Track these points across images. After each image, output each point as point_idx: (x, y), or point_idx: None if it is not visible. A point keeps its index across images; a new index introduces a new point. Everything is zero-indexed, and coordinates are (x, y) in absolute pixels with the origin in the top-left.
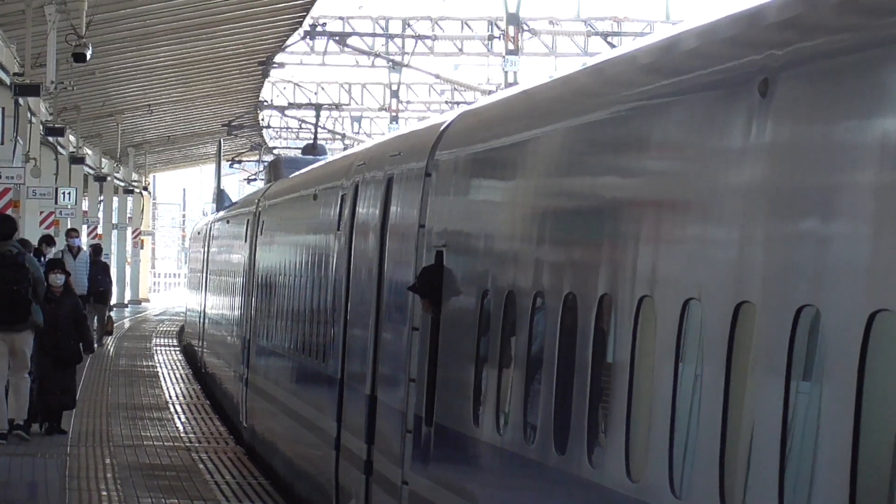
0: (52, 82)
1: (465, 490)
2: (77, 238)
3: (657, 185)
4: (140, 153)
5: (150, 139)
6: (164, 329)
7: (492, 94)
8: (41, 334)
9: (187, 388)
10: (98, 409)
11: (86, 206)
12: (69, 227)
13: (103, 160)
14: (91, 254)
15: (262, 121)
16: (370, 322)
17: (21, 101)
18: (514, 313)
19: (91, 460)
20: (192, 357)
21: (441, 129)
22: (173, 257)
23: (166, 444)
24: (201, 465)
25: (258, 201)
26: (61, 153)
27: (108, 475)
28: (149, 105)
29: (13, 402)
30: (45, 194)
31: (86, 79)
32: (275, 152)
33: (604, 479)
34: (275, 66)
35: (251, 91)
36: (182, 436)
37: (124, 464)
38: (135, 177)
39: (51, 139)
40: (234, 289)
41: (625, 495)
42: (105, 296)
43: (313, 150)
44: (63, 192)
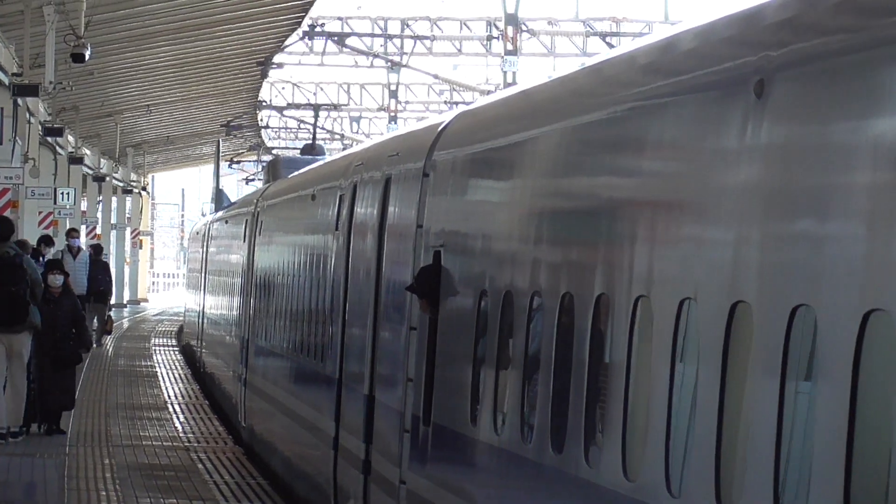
0: (51, 82)
1: (463, 489)
2: (77, 238)
3: (654, 185)
4: (139, 153)
5: (148, 139)
6: (163, 329)
7: (490, 94)
8: (40, 335)
9: (186, 388)
10: (97, 410)
11: (84, 206)
12: (69, 227)
13: (102, 160)
14: (91, 254)
15: (261, 121)
16: (368, 322)
17: (20, 101)
18: (512, 313)
19: (90, 460)
20: (190, 357)
21: (439, 129)
22: (172, 257)
23: (165, 444)
24: (200, 465)
25: (257, 201)
26: (60, 153)
27: (107, 475)
28: (147, 105)
29: (9, 407)
30: (43, 194)
31: (84, 79)
32: (273, 152)
33: (600, 479)
34: (273, 66)
35: (250, 91)
36: (181, 436)
37: (123, 464)
38: (133, 177)
39: (49, 139)
40: (232, 289)
41: (621, 494)
42: (105, 295)
43: (312, 150)
44: (62, 193)
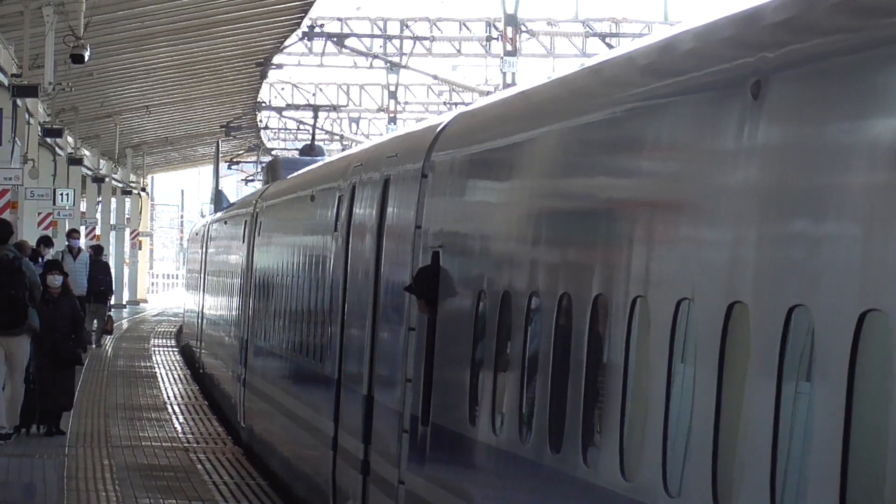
0: (51, 83)
1: (462, 489)
2: (78, 240)
3: (651, 186)
4: (138, 154)
5: (148, 140)
6: (163, 330)
7: (490, 94)
8: (39, 336)
9: (185, 389)
10: (96, 410)
11: (84, 207)
12: (70, 228)
13: (101, 161)
14: (91, 254)
15: (261, 122)
16: (367, 323)
17: (19, 102)
18: (510, 314)
19: (89, 461)
20: (190, 358)
21: (437, 130)
22: (171, 258)
23: (164, 444)
24: (199, 466)
25: (256, 202)
26: (59, 154)
27: (107, 476)
28: (147, 106)
29: (6, 408)
30: (43, 195)
31: (84, 80)
32: (273, 153)
33: (598, 479)
34: (273, 67)
35: (249, 92)
36: (180, 436)
37: (122, 464)
38: (133, 178)
39: (49, 140)
40: (231, 290)
41: (619, 494)
42: (105, 295)
43: (311, 151)
44: (61, 194)
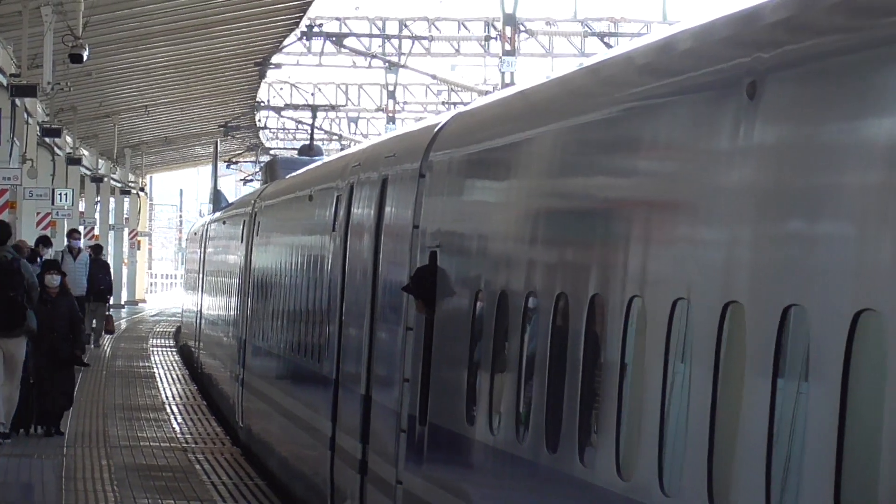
0: (49, 83)
1: (459, 489)
2: (78, 240)
3: (647, 186)
4: (137, 154)
5: (146, 140)
6: (161, 330)
7: (488, 94)
8: (37, 337)
9: (184, 389)
10: (95, 410)
11: (82, 207)
12: (70, 228)
13: (100, 161)
14: (91, 254)
15: (259, 122)
16: (365, 322)
17: (18, 101)
18: (507, 313)
19: (88, 461)
20: (188, 358)
21: (435, 130)
22: (170, 258)
23: (163, 444)
24: (198, 466)
25: (254, 202)
26: (58, 154)
27: (105, 476)
28: (145, 106)
29: (4, 408)
30: (41, 195)
31: (82, 80)
32: (271, 153)
33: (595, 478)
34: (271, 66)
35: (248, 92)
36: (178, 436)
37: (121, 464)
38: (131, 177)
39: (47, 140)
40: (230, 289)
41: (616, 493)
42: (104, 294)
43: (310, 150)
44: (60, 193)
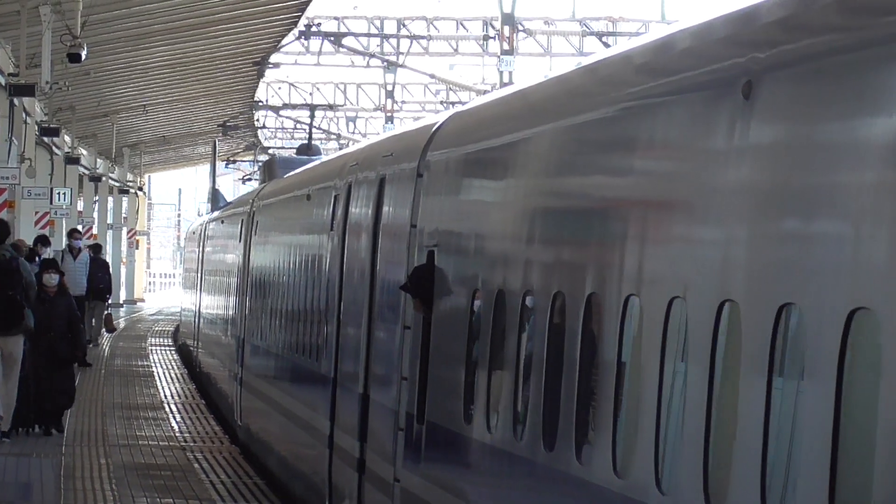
0: (48, 82)
1: (457, 487)
2: (79, 240)
3: (644, 185)
4: (135, 153)
5: (145, 139)
6: (160, 329)
7: (486, 94)
8: (34, 335)
9: (182, 388)
10: (93, 409)
11: (81, 206)
12: (71, 228)
13: (98, 160)
14: (90, 253)
15: (258, 121)
16: (363, 321)
17: (16, 101)
18: (504, 312)
19: (86, 460)
20: (187, 357)
21: (433, 129)
22: (168, 257)
23: (161, 443)
24: (196, 465)
25: (252, 201)
26: (56, 153)
27: (104, 475)
28: (144, 105)
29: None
30: (40, 195)
31: (81, 79)
32: (269, 152)
33: (592, 476)
34: (270, 66)
35: (246, 91)
36: (177, 435)
37: (119, 463)
38: (130, 177)
39: (46, 139)
40: (228, 289)
41: (612, 492)
42: (104, 293)
43: (308, 150)
44: (58, 193)
